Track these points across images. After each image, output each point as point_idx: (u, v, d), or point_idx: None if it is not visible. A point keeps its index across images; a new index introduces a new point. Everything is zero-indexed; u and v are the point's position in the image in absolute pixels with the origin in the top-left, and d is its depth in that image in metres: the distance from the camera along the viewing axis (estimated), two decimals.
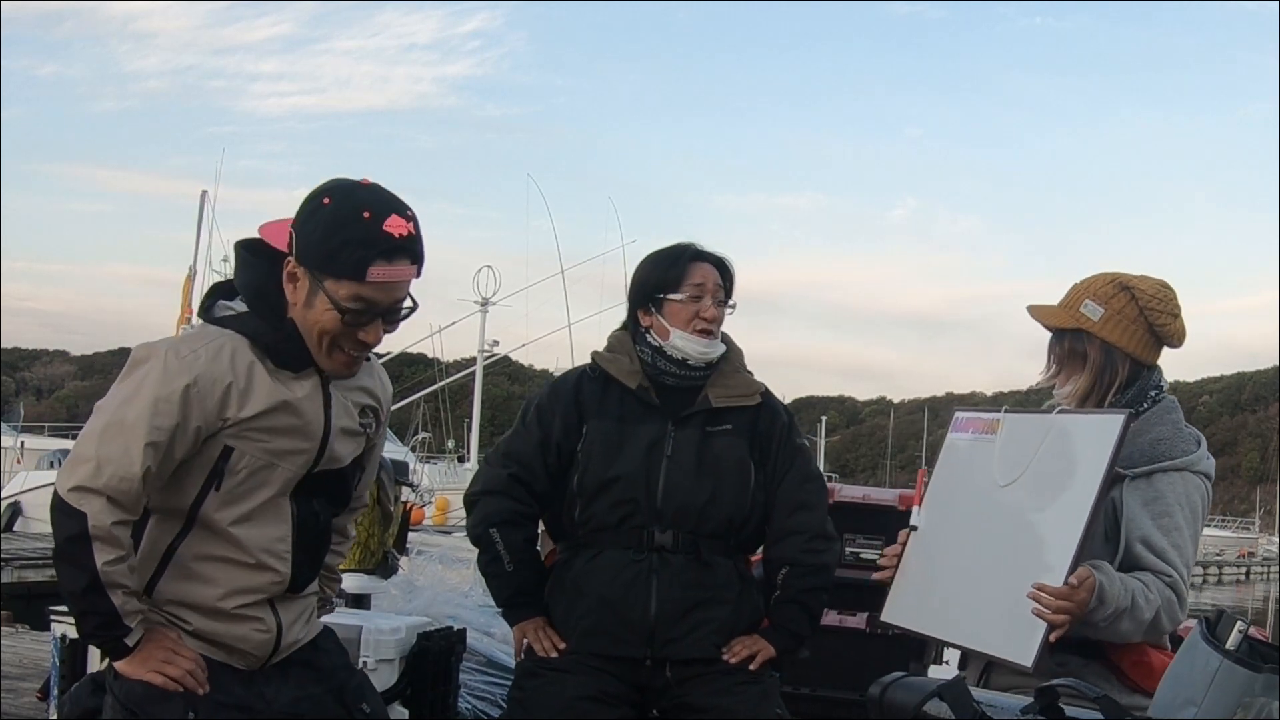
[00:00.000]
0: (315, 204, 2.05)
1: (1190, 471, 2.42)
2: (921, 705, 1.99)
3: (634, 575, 2.74)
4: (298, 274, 2.06)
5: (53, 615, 3.37)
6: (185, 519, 2.10)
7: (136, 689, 2.07)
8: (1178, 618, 2.33)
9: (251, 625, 2.15)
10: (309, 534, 2.18)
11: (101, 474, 1.96)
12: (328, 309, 2.05)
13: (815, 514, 2.87)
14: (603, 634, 2.74)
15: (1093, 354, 2.48)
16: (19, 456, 24.06)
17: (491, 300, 27.47)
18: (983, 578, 2.36)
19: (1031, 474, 2.34)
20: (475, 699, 3.81)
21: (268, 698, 2.19)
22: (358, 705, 2.29)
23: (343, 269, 2.02)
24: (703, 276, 2.84)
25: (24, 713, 4.57)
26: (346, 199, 2.04)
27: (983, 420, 2.53)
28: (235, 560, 2.11)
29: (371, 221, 2.02)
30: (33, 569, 12.13)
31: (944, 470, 2.58)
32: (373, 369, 2.29)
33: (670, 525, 2.76)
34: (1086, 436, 2.28)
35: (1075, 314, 2.49)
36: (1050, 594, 2.16)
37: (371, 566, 3.76)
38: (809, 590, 2.85)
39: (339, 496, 2.26)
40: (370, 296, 2.04)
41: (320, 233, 2.02)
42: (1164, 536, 2.35)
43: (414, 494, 13.46)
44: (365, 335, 2.09)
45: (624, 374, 2.85)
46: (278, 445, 2.09)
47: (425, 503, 18.92)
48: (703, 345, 2.82)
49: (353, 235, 2.01)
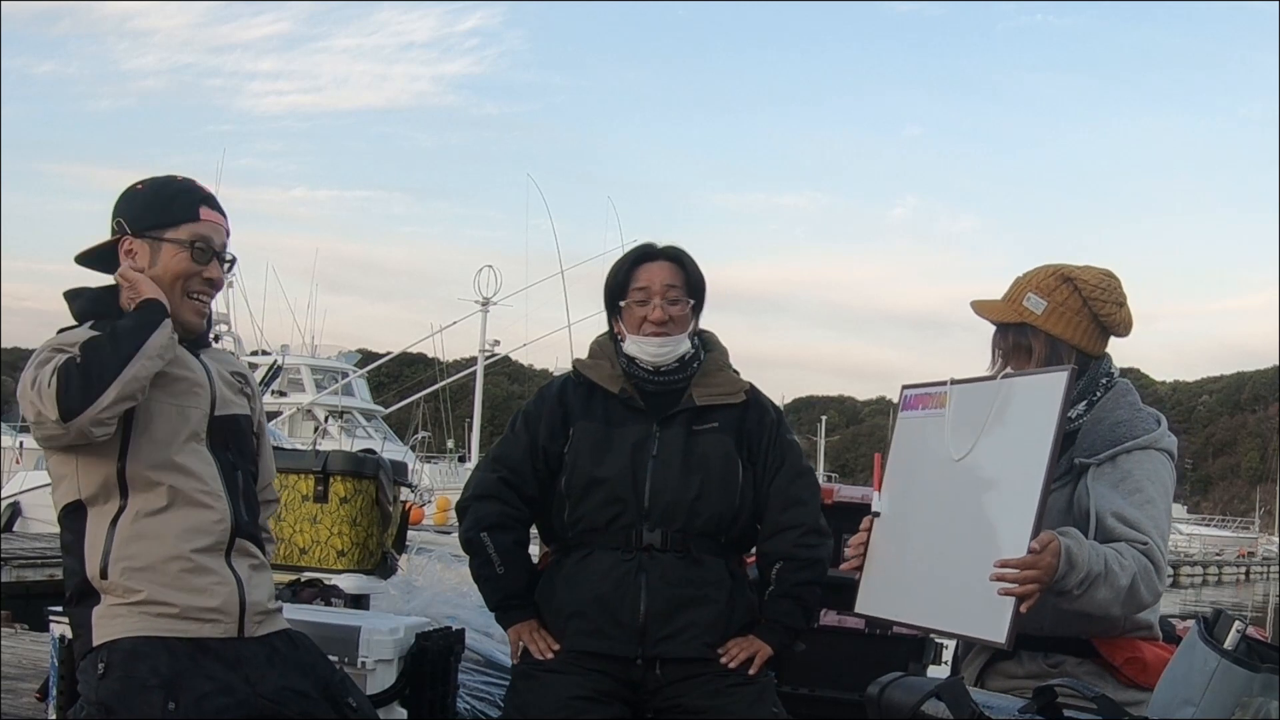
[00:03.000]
0: (130, 193, 2.42)
1: (1155, 449, 2.41)
2: (919, 705, 2.00)
3: (623, 574, 2.75)
4: (134, 247, 2.37)
5: (52, 615, 3.36)
6: (119, 489, 2.25)
7: (114, 686, 2.10)
8: (1156, 587, 2.28)
9: (209, 578, 2.26)
10: (232, 477, 2.38)
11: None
12: (175, 254, 2.36)
13: (808, 509, 2.87)
14: (594, 634, 2.74)
15: (1037, 347, 2.47)
16: (18, 456, 24.07)
17: (492, 300, 27.49)
18: (947, 557, 2.30)
19: (983, 444, 2.28)
20: (474, 699, 3.80)
21: (252, 680, 2.22)
22: (344, 700, 2.33)
23: (178, 215, 2.38)
24: (647, 279, 2.84)
25: (23, 713, 4.56)
26: (155, 179, 2.44)
27: (931, 395, 2.48)
28: (175, 506, 2.25)
29: (184, 182, 2.44)
30: (32, 569, 12.13)
31: (898, 451, 2.54)
32: (227, 355, 2.59)
33: (659, 524, 2.76)
34: (1032, 397, 2.22)
35: (1018, 308, 2.49)
36: (1014, 565, 2.09)
37: (370, 567, 3.76)
38: (802, 584, 2.84)
39: (243, 447, 2.46)
40: (206, 234, 2.39)
41: (147, 199, 2.40)
42: (1136, 510, 2.32)
43: (413, 494, 13.46)
44: (209, 273, 2.39)
45: (605, 379, 2.86)
46: (177, 392, 2.33)
47: (425, 502, 18.93)
48: (654, 346, 2.82)
49: (177, 190, 2.41)
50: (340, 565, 3.71)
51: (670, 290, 2.83)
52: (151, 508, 2.25)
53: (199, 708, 2.15)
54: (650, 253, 2.88)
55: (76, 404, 2.11)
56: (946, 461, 2.34)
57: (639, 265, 2.86)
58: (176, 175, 2.46)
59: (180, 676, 2.17)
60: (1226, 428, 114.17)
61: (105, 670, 2.17)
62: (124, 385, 2.15)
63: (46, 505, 18.97)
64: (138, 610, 2.20)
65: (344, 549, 3.70)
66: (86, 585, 2.25)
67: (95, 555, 2.23)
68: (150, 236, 2.36)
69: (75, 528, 2.28)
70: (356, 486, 3.73)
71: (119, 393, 2.15)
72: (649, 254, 2.88)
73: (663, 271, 2.84)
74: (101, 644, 2.20)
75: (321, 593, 3.61)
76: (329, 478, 3.71)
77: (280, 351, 26.33)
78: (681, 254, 2.89)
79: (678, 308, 2.83)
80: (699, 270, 2.90)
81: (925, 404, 2.48)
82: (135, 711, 2.13)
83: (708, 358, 2.92)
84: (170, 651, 2.19)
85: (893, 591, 2.44)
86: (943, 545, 2.32)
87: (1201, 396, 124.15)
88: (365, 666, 2.96)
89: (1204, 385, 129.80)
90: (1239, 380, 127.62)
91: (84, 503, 2.27)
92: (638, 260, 2.87)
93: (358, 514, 3.72)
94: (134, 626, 2.20)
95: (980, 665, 2.51)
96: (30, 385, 2.15)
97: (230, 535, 2.32)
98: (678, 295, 2.83)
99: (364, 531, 3.72)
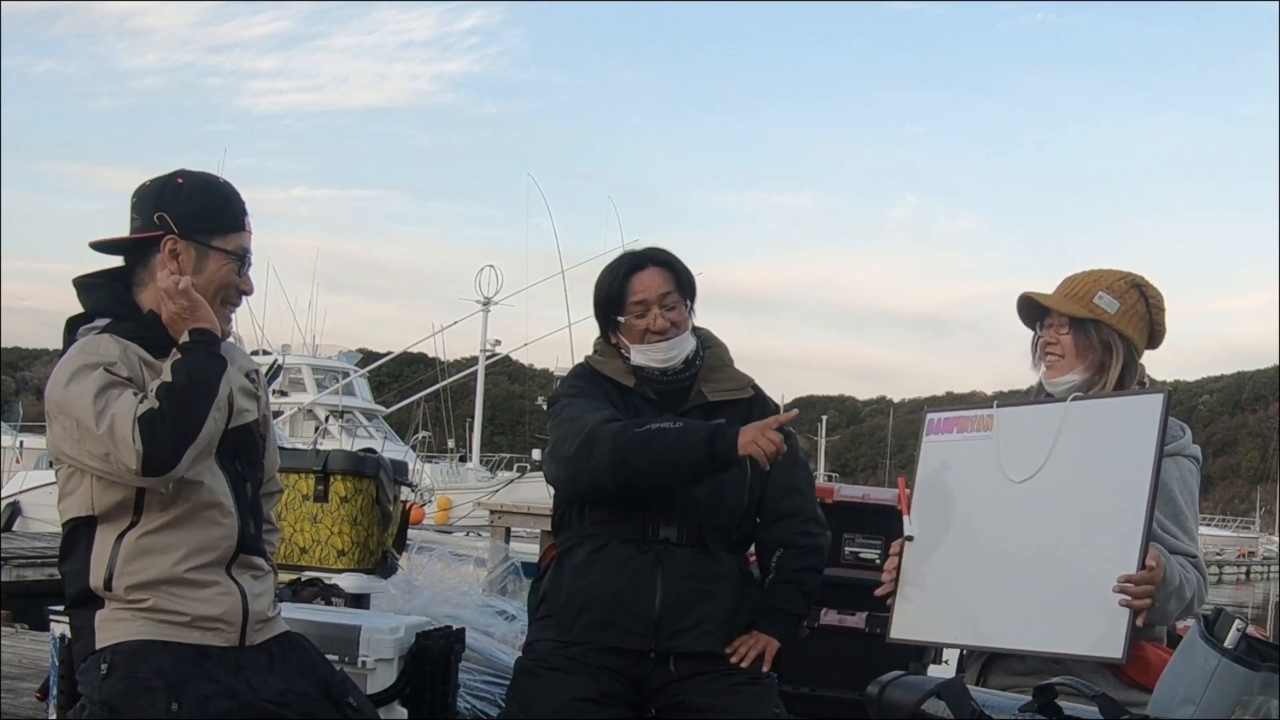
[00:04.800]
0: (171, 186, 2.32)
1: (1182, 456, 2.47)
2: (920, 704, 1.99)
3: (639, 567, 2.75)
4: (179, 249, 2.28)
5: (52, 615, 3.36)
6: (134, 508, 2.21)
7: (117, 686, 2.10)
8: (1204, 597, 2.37)
9: (214, 590, 2.24)
10: (241, 489, 2.34)
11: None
12: (224, 263, 2.32)
13: (805, 497, 2.90)
14: (608, 626, 2.74)
15: (1115, 344, 2.52)
16: (18, 456, 24.06)
17: (493, 300, 27.48)
18: (1020, 577, 2.30)
19: (1055, 465, 2.29)
20: (474, 699, 3.80)
21: (254, 684, 2.22)
22: (345, 700, 2.32)
23: (228, 223, 2.33)
24: (642, 289, 2.83)
25: (23, 713, 4.56)
26: (193, 176, 2.35)
27: (968, 419, 2.49)
28: (183, 523, 2.22)
29: (228, 186, 2.38)
30: (32, 568, 12.13)
31: (931, 475, 2.53)
32: (240, 349, 2.53)
33: (675, 518, 2.77)
34: (1122, 419, 2.26)
35: (1090, 305, 2.53)
36: (1135, 580, 2.13)
37: (370, 566, 3.76)
38: (803, 570, 2.86)
39: (253, 456, 2.43)
40: (247, 246, 2.36)
41: (199, 203, 2.31)
42: (1174, 521, 2.39)
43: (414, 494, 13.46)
44: (244, 285, 2.38)
45: (619, 374, 2.88)
46: None
47: (425, 502, 18.92)
48: (660, 352, 2.83)
49: (227, 196, 2.35)
50: (340, 565, 3.71)
51: (666, 297, 2.83)
52: (160, 523, 2.22)
53: (202, 709, 2.15)
54: (640, 262, 2.87)
55: (164, 463, 2.09)
56: (1002, 484, 2.36)
57: (631, 276, 2.85)
58: (217, 176, 2.40)
59: (184, 678, 2.17)
60: (1226, 427, 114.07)
61: (109, 670, 2.17)
62: (205, 441, 2.16)
63: (46, 505, 18.99)
64: (142, 615, 2.20)
65: (344, 548, 3.70)
66: (89, 592, 2.24)
67: (100, 568, 2.22)
68: (199, 241, 2.30)
69: (81, 539, 2.25)
70: (357, 486, 3.72)
71: (201, 450, 2.16)
72: (638, 263, 2.87)
73: (656, 279, 2.84)
74: (105, 646, 2.20)
75: (322, 592, 3.61)
76: (329, 477, 3.71)
77: (281, 351, 26.33)
78: (669, 257, 2.89)
79: (676, 313, 2.84)
80: (687, 270, 2.91)
81: (962, 427, 2.49)
82: (139, 711, 2.13)
83: (709, 354, 2.92)
84: (174, 654, 2.19)
85: (939, 615, 2.42)
86: (1010, 566, 2.32)
87: (1201, 396, 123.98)
88: (365, 666, 2.96)
89: (1204, 385, 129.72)
90: (1239, 380, 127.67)
91: (95, 518, 2.23)
92: (629, 271, 2.86)
93: (358, 513, 3.72)
94: (138, 630, 2.20)
95: (982, 663, 2.52)
96: (95, 422, 2.09)
97: (235, 550, 2.30)
98: (674, 301, 2.84)
99: (364, 531, 3.72)
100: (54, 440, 2.20)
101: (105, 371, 2.16)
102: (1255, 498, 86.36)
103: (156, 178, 2.35)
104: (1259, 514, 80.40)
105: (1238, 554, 55.01)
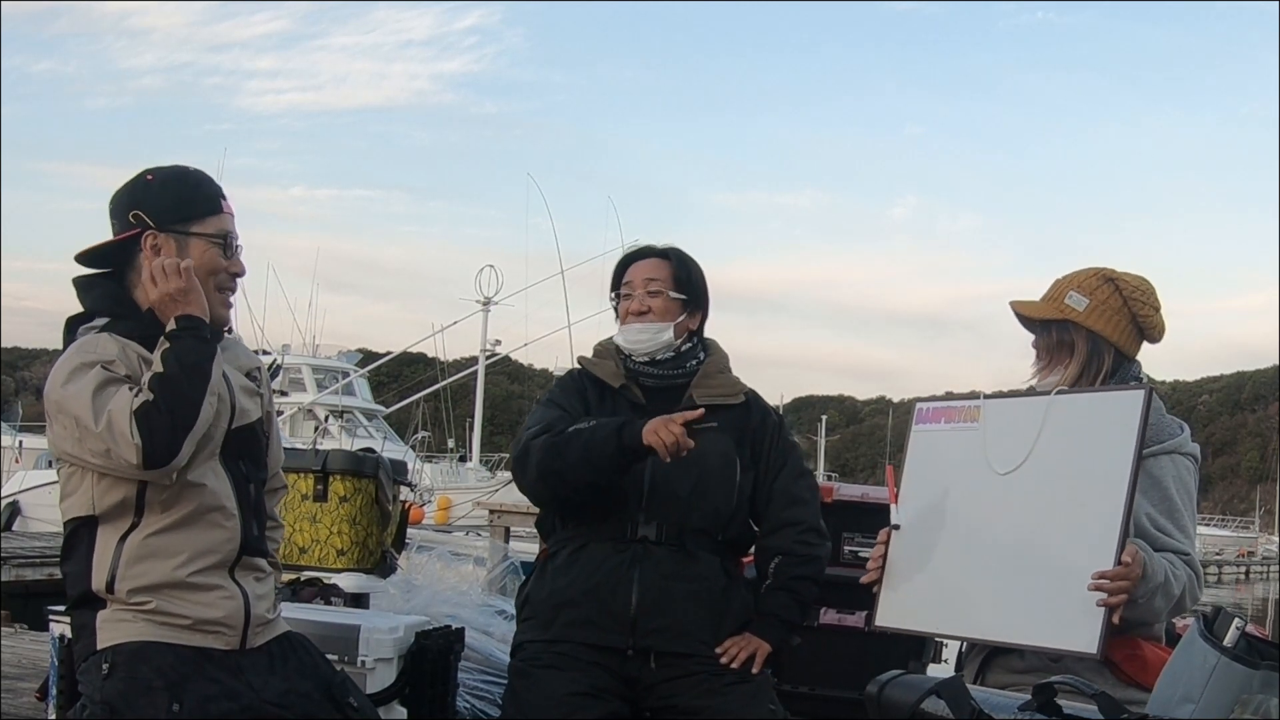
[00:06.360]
0: (144, 185, 2.34)
1: (1179, 454, 2.45)
2: (919, 703, 2.00)
3: (616, 565, 2.77)
4: (160, 243, 2.29)
5: (52, 615, 3.36)
6: (135, 508, 2.21)
7: (118, 686, 2.10)
8: (1197, 595, 2.35)
9: (216, 593, 2.24)
10: (244, 490, 2.34)
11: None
12: (206, 249, 2.31)
13: (809, 508, 2.91)
14: (585, 624, 2.76)
15: (1079, 343, 2.50)
16: (18, 456, 24.04)
17: (493, 300, 27.46)
18: (1002, 568, 2.30)
19: (1038, 458, 2.29)
20: (474, 698, 3.80)
21: (255, 686, 2.23)
22: (345, 701, 2.33)
23: (203, 210, 2.33)
24: (632, 275, 2.93)
25: (23, 713, 4.56)
26: (162, 170, 2.36)
27: (956, 409, 2.49)
28: (187, 525, 2.22)
29: (199, 172, 2.39)
30: (32, 568, 12.11)
31: (919, 464, 2.54)
32: (243, 346, 2.54)
33: (655, 517, 2.78)
34: (1103, 413, 2.25)
35: (1059, 305, 2.52)
36: (1109, 575, 2.12)
37: (370, 566, 3.76)
38: (800, 578, 2.86)
39: (257, 455, 2.42)
40: (228, 228, 2.35)
41: (171, 194, 2.32)
42: (1169, 519, 2.38)
43: (413, 493, 13.46)
44: (234, 266, 2.36)
45: (608, 375, 2.92)
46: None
47: (425, 502, 18.91)
48: (632, 333, 2.89)
49: (199, 182, 2.36)
50: (340, 564, 3.71)
51: (650, 283, 2.90)
52: (163, 525, 2.22)
53: (204, 710, 2.16)
54: (642, 252, 2.97)
55: (163, 455, 2.09)
56: (988, 475, 2.36)
57: (629, 264, 2.95)
58: (185, 165, 2.41)
59: (185, 679, 2.17)
60: (1226, 427, 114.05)
61: (110, 670, 2.17)
62: (204, 427, 2.16)
63: (46, 505, 18.93)
64: (143, 617, 2.20)
65: (344, 548, 3.70)
66: (90, 594, 2.24)
67: (102, 570, 2.22)
68: (176, 231, 2.30)
69: (83, 540, 2.25)
70: (356, 485, 3.73)
71: (200, 436, 2.15)
72: (640, 253, 2.97)
73: (646, 267, 2.93)
74: (106, 646, 2.20)
75: (321, 592, 3.62)
76: (328, 477, 3.72)
77: (281, 351, 26.32)
78: (673, 252, 2.95)
79: (657, 300, 2.89)
80: (691, 269, 2.94)
81: (949, 418, 2.49)
82: (139, 712, 2.13)
83: (708, 360, 2.96)
84: (175, 655, 2.19)
85: (923, 604, 2.43)
86: (992, 557, 2.33)
87: (1201, 396, 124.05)
88: (365, 665, 2.96)
89: (1204, 385, 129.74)
90: (1239, 380, 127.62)
91: (97, 518, 2.23)
92: (628, 261, 2.97)
93: (357, 513, 3.72)
94: (139, 631, 2.20)
95: (980, 661, 2.52)
96: (94, 420, 2.09)
97: (238, 553, 2.30)
98: (658, 288, 2.90)
99: (364, 530, 3.72)
100: (55, 439, 2.20)
101: (102, 369, 2.16)
102: (1255, 498, 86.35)
103: (127, 181, 2.37)
104: (1258, 514, 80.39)
105: (1237, 554, 55.01)
